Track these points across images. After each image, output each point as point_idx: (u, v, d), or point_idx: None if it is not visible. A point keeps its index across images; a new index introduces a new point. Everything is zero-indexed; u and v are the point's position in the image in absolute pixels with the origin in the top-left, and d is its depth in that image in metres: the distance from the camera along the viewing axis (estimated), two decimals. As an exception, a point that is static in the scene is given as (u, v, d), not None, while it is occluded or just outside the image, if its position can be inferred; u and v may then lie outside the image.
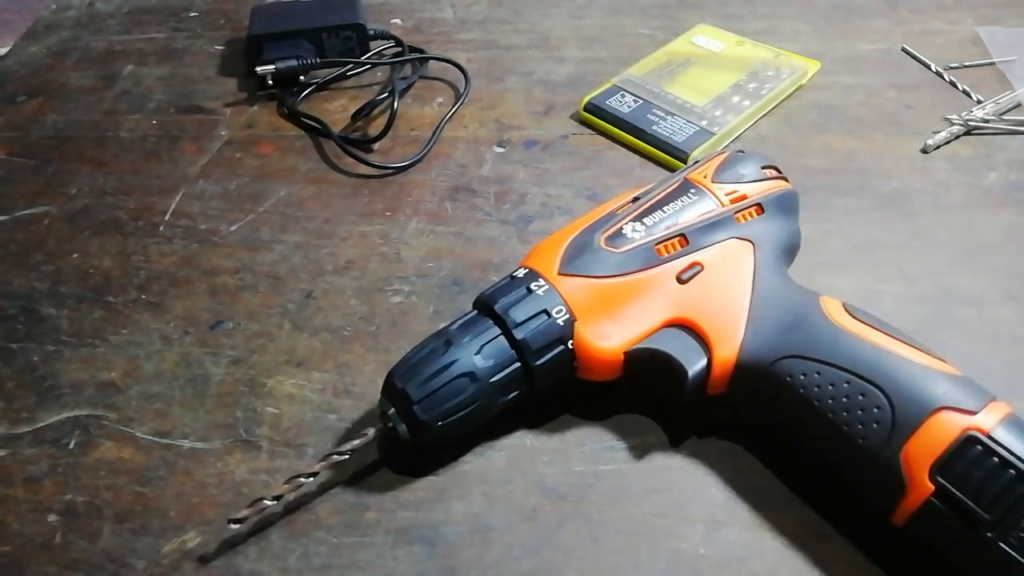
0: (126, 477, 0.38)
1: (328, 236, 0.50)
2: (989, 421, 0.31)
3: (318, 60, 0.62)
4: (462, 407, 0.35)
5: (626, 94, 0.59)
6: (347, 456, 0.36)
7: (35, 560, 0.35)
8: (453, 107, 0.59)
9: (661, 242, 0.38)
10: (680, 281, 0.38)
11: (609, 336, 0.36)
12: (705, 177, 0.41)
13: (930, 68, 0.62)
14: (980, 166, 0.53)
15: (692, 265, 0.38)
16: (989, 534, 0.30)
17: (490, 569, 0.34)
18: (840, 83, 0.61)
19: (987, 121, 0.56)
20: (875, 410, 0.32)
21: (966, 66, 0.62)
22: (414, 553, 0.35)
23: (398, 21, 0.70)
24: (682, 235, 0.38)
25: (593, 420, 0.40)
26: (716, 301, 0.37)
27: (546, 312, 0.36)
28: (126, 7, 0.74)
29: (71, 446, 0.39)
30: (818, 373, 0.34)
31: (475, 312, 0.38)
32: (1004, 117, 0.56)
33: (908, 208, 0.50)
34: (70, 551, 0.35)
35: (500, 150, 0.56)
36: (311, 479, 0.35)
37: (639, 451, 0.38)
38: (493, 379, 0.35)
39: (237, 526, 0.34)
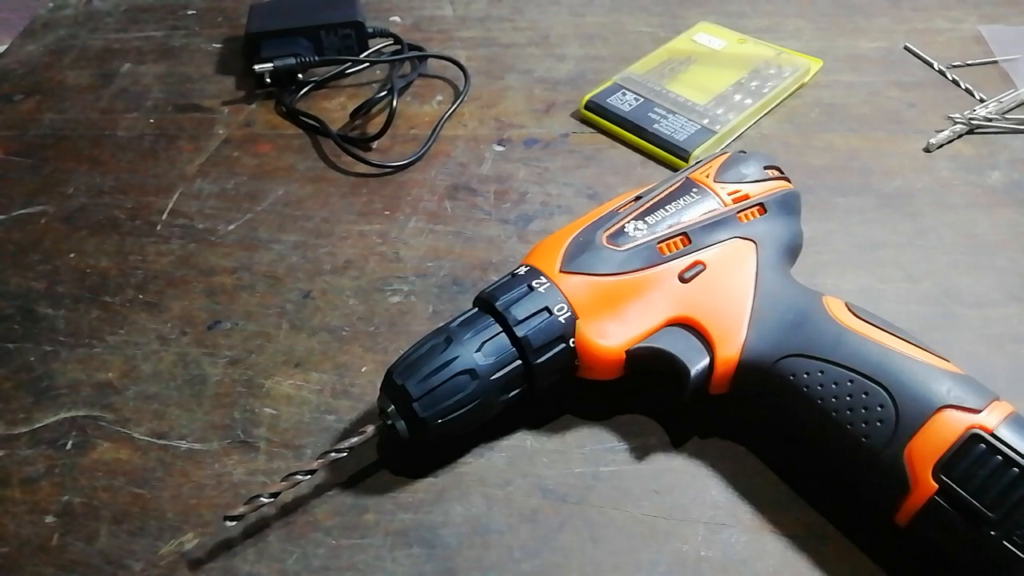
0: (123, 478, 0.38)
1: (326, 235, 0.50)
2: (993, 420, 0.31)
3: (316, 58, 0.61)
4: (462, 405, 0.35)
5: (627, 92, 0.58)
6: (345, 454, 0.35)
7: (32, 561, 0.35)
8: (452, 105, 0.59)
9: (663, 241, 0.38)
10: (682, 280, 0.37)
11: (611, 334, 0.36)
12: (707, 176, 0.41)
13: (933, 67, 0.61)
14: (983, 165, 0.53)
15: (694, 264, 0.38)
16: (993, 533, 0.29)
17: (490, 571, 0.34)
18: (842, 81, 0.61)
19: (990, 120, 0.55)
20: (878, 409, 0.32)
21: (969, 64, 0.61)
22: (413, 555, 0.35)
23: (397, 19, 0.70)
24: (684, 234, 0.38)
25: (594, 421, 0.39)
26: (718, 300, 0.37)
27: (547, 310, 0.36)
28: (124, 5, 0.74)
29: (68, 447, 0.39)
30: (821, 372, 0.34)
31: (476, 309, 0.37)
32: (1007, 116, 0.56)
33: (911, 207, 0.50)
34: (67, 552, 0.35)
35: (500, 149, 0.56)
36: (308, 476, 0.35)
37: (640, 452, 0.38)
38: (494, 377, 0.35)
39: (233, 523, 0.34)
